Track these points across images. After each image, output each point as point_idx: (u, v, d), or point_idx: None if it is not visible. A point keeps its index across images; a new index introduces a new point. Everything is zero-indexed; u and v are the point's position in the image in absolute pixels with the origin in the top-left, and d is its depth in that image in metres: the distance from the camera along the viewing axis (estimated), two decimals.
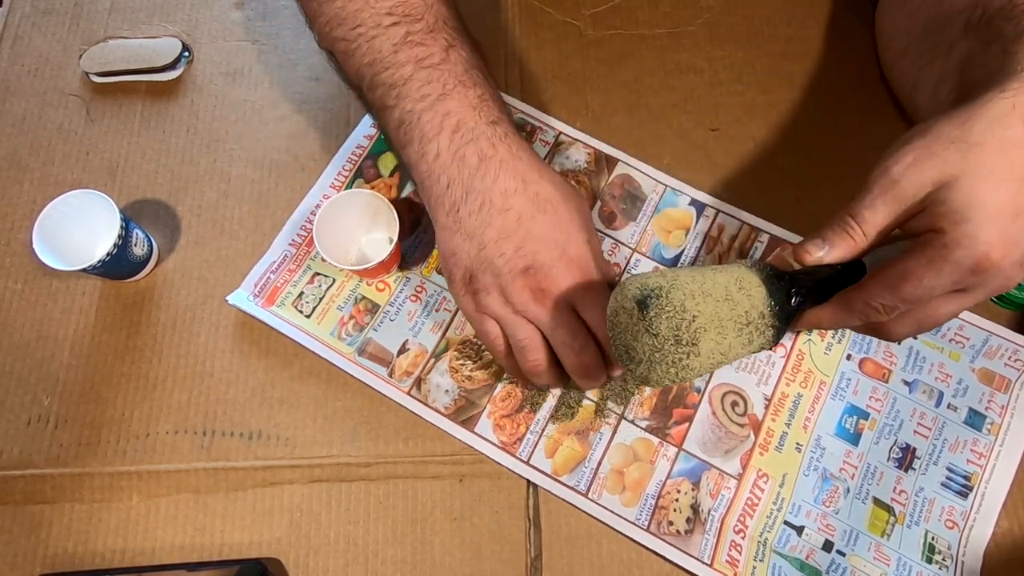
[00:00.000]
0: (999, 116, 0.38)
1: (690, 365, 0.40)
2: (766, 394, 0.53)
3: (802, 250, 0.42)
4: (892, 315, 0.41)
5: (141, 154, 0.61)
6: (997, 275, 0.38)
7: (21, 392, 0.54)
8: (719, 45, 0.65)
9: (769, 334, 0.42)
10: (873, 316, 0.41)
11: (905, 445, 0.51)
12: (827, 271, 0.43)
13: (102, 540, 0.50)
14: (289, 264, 0.56)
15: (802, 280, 0.43)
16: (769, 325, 0.42)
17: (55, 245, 0.52)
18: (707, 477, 0.51)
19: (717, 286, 0.41)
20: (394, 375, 0.53)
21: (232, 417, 0.53)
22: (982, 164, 0.38)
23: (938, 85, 0.51)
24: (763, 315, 0.42)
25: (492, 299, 0.45)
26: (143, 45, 0.64)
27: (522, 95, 0.62)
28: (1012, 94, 0.39)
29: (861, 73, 0.63)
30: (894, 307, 0.40)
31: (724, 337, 0.41)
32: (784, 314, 0.42)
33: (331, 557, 0.50)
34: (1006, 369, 0.53)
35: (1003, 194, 0.37)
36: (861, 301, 0.41)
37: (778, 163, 0.60)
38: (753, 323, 0.42)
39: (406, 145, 0.46)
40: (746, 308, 0.41)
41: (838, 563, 0.49)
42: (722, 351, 0.41)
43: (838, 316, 0.43)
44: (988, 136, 0.38)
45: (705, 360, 0.41)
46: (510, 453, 0.51)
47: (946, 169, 0.38)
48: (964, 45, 0.49)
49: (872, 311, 0.41)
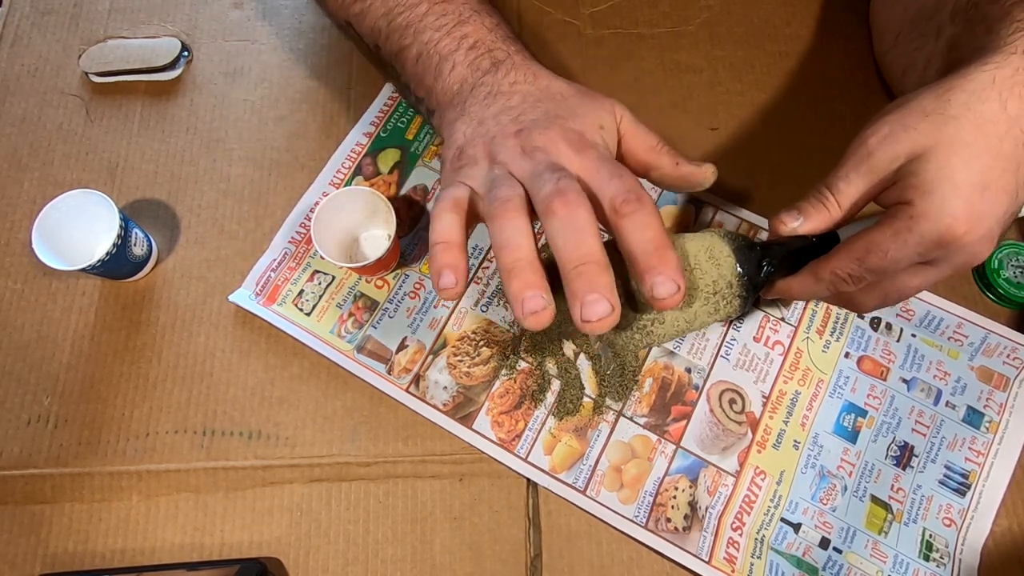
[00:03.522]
0: (977, 89, 0.38)
1: (654, 331, 0.43)
2: (764, 392, 0.53)
3: (777, 221, 0.43)
4: (858, 286, 0.41)
5: (141, 154, 0.61)
6: (961, 249, 0.38)
7: (21, 392, 0.54)
8: (719, 45, 0.65)
9: (736, 303, 0.45)
10: (840, 286, 0.42)
11: (903, 443, 0.52)
12: (800, 243, 0.44)
13: (102, 540, 0.50)
14: (289, 262, 0.57)
15: (774, 251, 0.45)
16: (737, 295, 0.45)
17: (55, 245, 0.52)
18: (705, 474, 0.51)
19: (686, 254, 0.43)
20: (393, 372, 0.53)
21: (232, 416, 0.53)
22: (957, 137, 0.38)
23: (926, 67, 0.51)
24: (731, 284, 0.44)
25: (477, 168, 0.41)
26: (143, 45, 0.64)
27: None
28: (993, 67, 0.39)
29: (860, 72, 0.63)
30: (860, 277, 0.40)
31: (689, 305, 0.43)
32: (752, 284, 0.44)
33: (331, 556, 0.50)
34: (1005, 367, 0.53)
35: (974, 168, 0.37)
36: (828, 270, 0.42)
37: (777, 162, 0.60)
38: (720, 292, 0.44)
39: (424, 76, 0.47)
40: (714, 277, 0.44)
41: (835, 560, 0.49)
42: (687, 319, 0.43)
43: (806, 285, 0.44)
44: (964, 110, 0.38)
45: (670, 327, 0.43)
46: (508, 450, 0.51)
47: (920, 141, 0.38)
48: (951, 30, 0.49)
49: (839, 281, 0.41)
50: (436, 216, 0.39)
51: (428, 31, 0.47)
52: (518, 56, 0.46)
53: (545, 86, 0.45)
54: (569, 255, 0.35)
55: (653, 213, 0.36)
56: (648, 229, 0.36)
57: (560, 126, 0.41)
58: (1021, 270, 0.55)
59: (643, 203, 0.36)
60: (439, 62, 0.47)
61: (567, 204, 0.36)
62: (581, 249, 0.35)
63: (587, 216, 0.36)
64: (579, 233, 0.35)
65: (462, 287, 0.38)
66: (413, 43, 0.48)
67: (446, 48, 0.46)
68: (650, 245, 0.35)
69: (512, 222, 0.37)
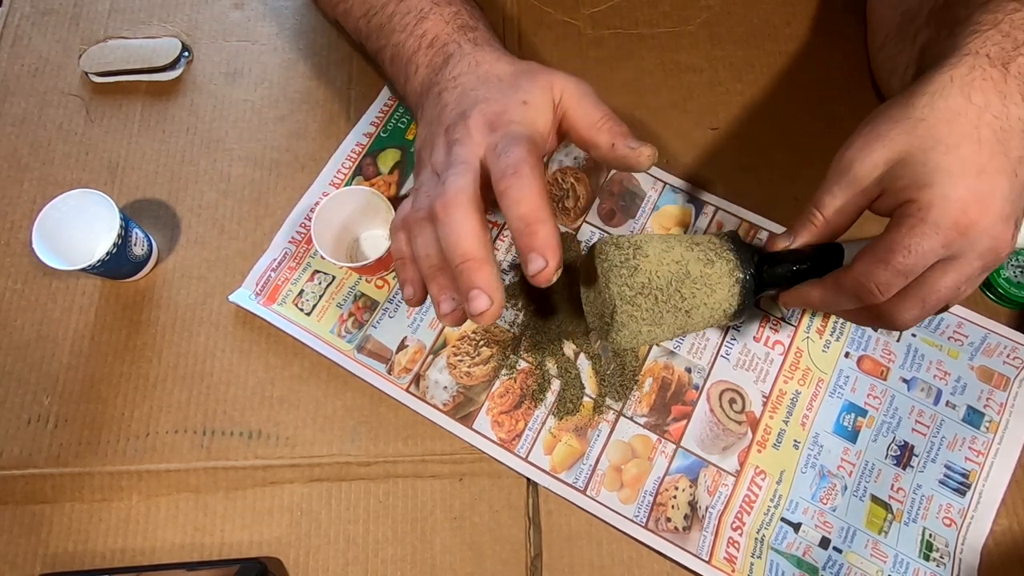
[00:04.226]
0: (937, 90, 0.39)
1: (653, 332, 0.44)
2: (764, 391, 0.53)
3: (771, 242, 0.45)
4: (888, 294, 0.40)
5: (141, 154, 0.61)
6: (982, 233, 0.38)
7: (21, 392, 0.54)
8: (719, 45, 0.65)
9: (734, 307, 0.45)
10: (867, 296, 0.40)
11: (903, 443, 0.52)
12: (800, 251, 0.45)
13: (102, 540, 0.50)
14: (289, 262, 0.57)
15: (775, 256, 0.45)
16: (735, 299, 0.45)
17: (55, 245, 0.52)
18: (705, 474, 0.51)
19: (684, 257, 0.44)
20: (393, 372, 0.53)
21: (232, 416, 0.53)
22: (928, 136, 0.39)
23: (905, 72, 0.52)
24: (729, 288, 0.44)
25: (424, 173, 0.43)
26: (143, 45, 0.64)
27: None
28: (949, 68, 0.40)
29: (859, 73, 0.63)
30: (889, 282, 0.39)
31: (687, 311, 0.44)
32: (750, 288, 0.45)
33: (331, 556, 0.50)
34: (1005, 367, 0.53)
35: (958, 157, 0.38)
36: (851, 279, 0.41)
37: (777, 161, 0.60)
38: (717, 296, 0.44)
39: (397, 77, 0.49)
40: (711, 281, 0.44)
41: (835, 560, 0.49)
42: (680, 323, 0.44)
43: (828, 295, 0.43)
44: (929, 110, 0.39)
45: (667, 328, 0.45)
46: (508, 450, 0.51)
47: (894, 147, 0.39)
48: (925, 34, 0.50)
49: (866, 290, 0.40)
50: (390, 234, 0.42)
51: (395, 32, 0.48)
52: (467, 45, 0.46)
53: (484, 72, 0.45)
54: (450, 256, 0.37)
55: (528, 185, 0.36)
56: (521, 204, 0.36)
57: (479, 111, 0.41)
58: (1021, 270, 0.55)
59: (518, 176, 0.36)
60: (405, 64, 0.48)
61: (445, 206, 0.37)
62: (458, 249, 0.37)
63: (463, 215, 0.37)
64: (454, 235, 0.37)
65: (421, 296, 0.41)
66: (387, 45, 0.49)
67: (410, 49, 0.48)
68: (521, 223, 0.36)
69: (420, 235, 0.39)
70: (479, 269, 0.36)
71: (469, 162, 0.39)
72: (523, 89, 0.43)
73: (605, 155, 0.43)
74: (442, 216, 0.37)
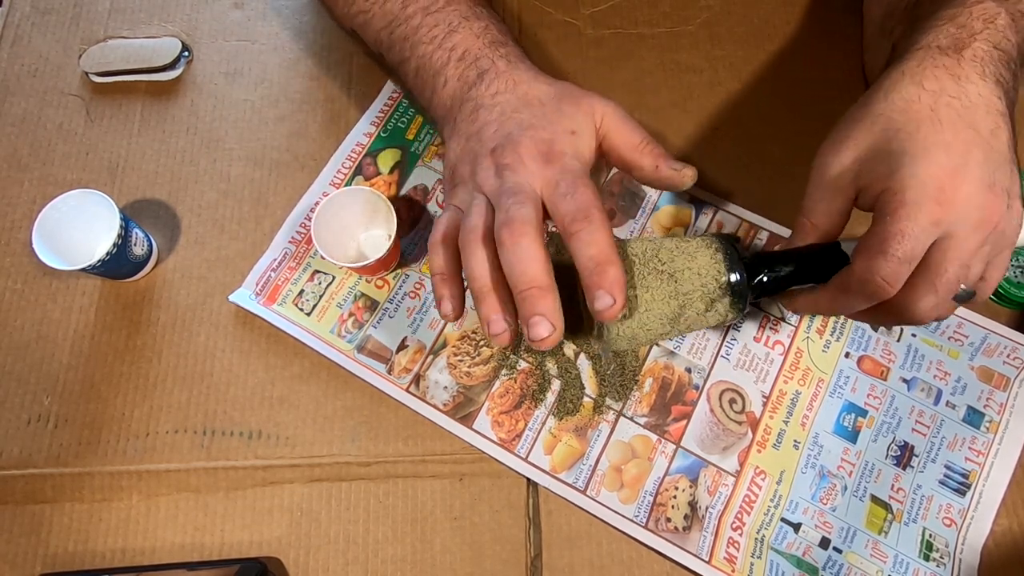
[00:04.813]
0: (890, 86, 0.41)
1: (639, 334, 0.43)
2: (764, 392, 0.53)
3: None
4: (896, 284, 0.39)
5: (141, 154, 0.61)
6: (966, 203, 0.37)
7: (21, 392, 0.54)
8: (719, 45, 0.65)
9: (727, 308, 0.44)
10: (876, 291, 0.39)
11: (903, 443, 0.52)
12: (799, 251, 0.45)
13: (102, 539, 0.50)
14: (289, 262, 0.57)
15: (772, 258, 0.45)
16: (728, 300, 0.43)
17: (55, 245, 0.52)
18: (705, 474, 0.51)
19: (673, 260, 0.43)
20: (393, 372, 0.53)
21: (232, 416, 0.53)
22: (888, 128, 0.40)
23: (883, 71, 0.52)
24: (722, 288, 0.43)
25: (463, 189, 0.44)
26: (143, 45, 0.64)
27: None
28: (902, 64, 0.41)
29: (859, 73, 0.63)
30: (894, 272, 0.38)
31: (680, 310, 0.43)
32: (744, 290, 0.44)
33: (331, 556, 0.50)
34: (1005, 367, 0.53)
35: (919, 139, 0.38)
36: (855, 278, 0.40)
37: (777, 161, 0.60)
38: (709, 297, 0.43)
39: (423, 89, 0.48)
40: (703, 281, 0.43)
41: (835, 560, 0.49)
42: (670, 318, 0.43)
43: (838, 298, 0.43)
44: (885, 105, 0.40)
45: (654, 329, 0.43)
46: (508, 450, 0.51)
47: (859, 145, 0.41)
48: (899, 29, 0.51)
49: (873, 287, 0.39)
50: (431, 248, 0.43)
51: (422, 44, 0.48)
52: (501, 63, 0.46)
53: (524, 93, 0.45)
54: (515, 282, 0.39)
55: (599, 230, 0.38)
56: (592, 246, 0.38)
57: (530, 138, 0.42)
58: (1021, 270, 0.55)
59: (590, 221, 0.38)
60: (433, 76, 0.48)
61: (512, 234, 0.38)
62: (525, 276, 0.38)
63: (529, 243, 0.38)
64: (522, 263, 0.38)
65: (459, 311, 0.43)
66: (411, 56, 0.49)
67: (439, 62, 0.47)
68: (592, 262, 0.38)
69: (475, 255, 0.40)
70: (544, 297, 0.38)
71: (528, 192, 0.40)
72: (567, 115, 0.44)
73: (648, 176, 0.45)
74: (509, 243, 0.38)
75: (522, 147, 0.42)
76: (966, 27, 0.41)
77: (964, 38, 0.40)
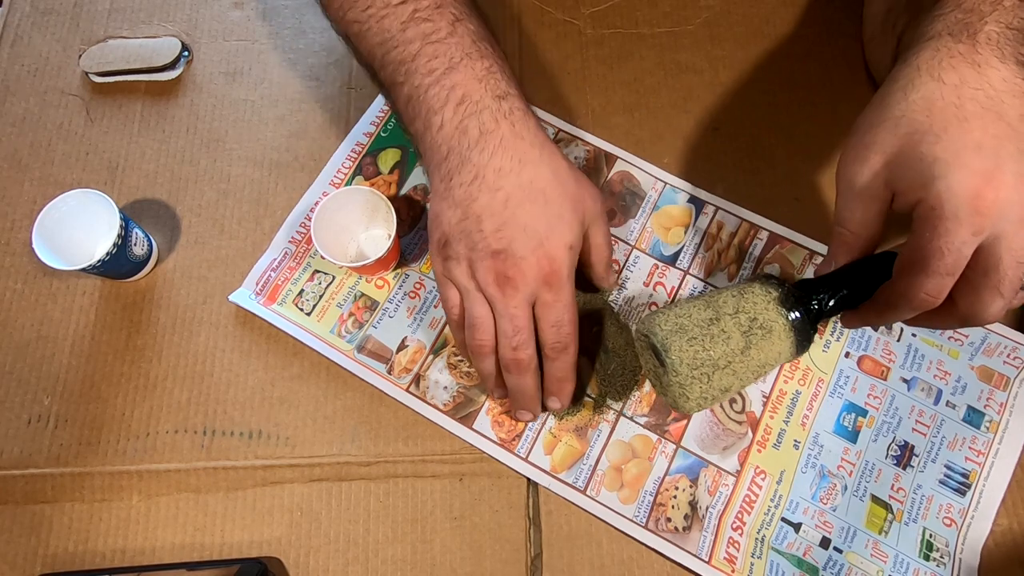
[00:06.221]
0: (906, 83, 0.39)
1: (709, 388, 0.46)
2: (764, 391, 0.53)
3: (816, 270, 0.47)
4: (941, 296, 0.39)
5: (141, 154, 0.61)
6: (1007, 204, 0.37)
7: (21, 392, 0.54)
8: (719, 45, 0.65)
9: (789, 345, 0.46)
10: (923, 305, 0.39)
11: (903, 442, 0.52)
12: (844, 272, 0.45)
13: (102, 540, 0.50)
14: (289, 262, 0.57)
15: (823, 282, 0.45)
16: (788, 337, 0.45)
17: (55, 245, 0.52)
18: (705, 474, 0.51)
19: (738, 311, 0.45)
20: (393, 372, 0.53)
21: (232, 416, 0.53)
22: (913, 130, 0.38)
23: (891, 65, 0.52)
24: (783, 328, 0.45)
25: (460, 269, 0.46)
26: (143, 45, 0.64)
27: None
28: (914, 57, 0.40)
29: (860, 73, 0.63)
30: (938, 287, 0.38)
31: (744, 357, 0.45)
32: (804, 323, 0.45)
33: (331, 556, 0.50)
34: (1005, 367, 0.53)
35: (949, 143, 0.37)
36: (899, 295, 0.40)
37: (777, 161, 0.60)
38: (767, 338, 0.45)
39: (414, 119, 0.47)
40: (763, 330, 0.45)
41: (835, 560, 0.49)
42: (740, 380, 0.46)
43: (884, 313, 0.43)
44: (905, 106, 0.39)
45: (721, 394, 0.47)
46: (509, 450, 0.51)
47: (885, 150, 0.40)
48: (903, 20, 0.50)
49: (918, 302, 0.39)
50: (453, 331, 0.50)
51: (418, 75, 0.46)
52: (505, 125, 0.45)
53: (529, 181, 0.44)
54: (514, 397, 0.49)
55: (568, 358, 0.47)
56: (559, 370, 0.48)
57: (536, 256, 0.44)
58: None
59: (566, 351, 0.47)
60: (427, 113, 0.46)
61: (519, 372, 0.47)
62: (524, 396, 0.48)
63: (531, 379, 0.48)
64: (523, 391, 0.48)
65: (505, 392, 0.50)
66: (405, 83, 0.46)
67: (435, 99, 0.45)
68: (554, 378, 0.48)
69: (483, 362, 0.48)
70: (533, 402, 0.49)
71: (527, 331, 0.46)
72: (566, 222, 0.46)
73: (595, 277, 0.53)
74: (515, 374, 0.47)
75: (526, 264, 0.44)
76: (974, 11, 0.40)
77: (974, 22, 0.39)
